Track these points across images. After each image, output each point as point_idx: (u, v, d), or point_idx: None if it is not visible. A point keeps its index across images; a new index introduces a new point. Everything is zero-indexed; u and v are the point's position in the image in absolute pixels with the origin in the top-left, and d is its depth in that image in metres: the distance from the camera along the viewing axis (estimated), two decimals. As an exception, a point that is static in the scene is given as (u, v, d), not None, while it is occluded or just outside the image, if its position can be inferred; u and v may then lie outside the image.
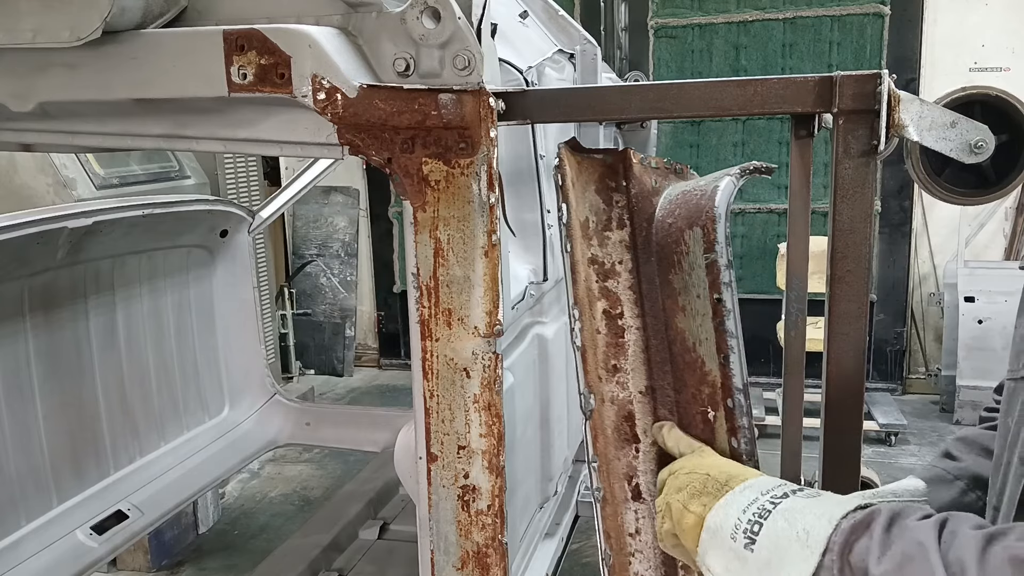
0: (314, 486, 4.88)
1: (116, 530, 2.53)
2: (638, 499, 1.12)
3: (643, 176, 1.20)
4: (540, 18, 2.52)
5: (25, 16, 1.30)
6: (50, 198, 3.63)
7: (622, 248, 1.18)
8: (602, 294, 1.17)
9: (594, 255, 1.18)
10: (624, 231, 1.19)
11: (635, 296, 1.16)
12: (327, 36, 1.22)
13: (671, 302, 1.12)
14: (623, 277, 1.17)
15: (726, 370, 1.02)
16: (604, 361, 1.14)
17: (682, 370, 1.10)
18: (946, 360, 5.56)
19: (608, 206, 1.20)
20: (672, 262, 1.12)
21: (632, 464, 1.13)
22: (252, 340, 3.13)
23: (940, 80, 5.62)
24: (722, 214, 1.03)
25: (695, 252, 1.06)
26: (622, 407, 1.14)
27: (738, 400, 1.01)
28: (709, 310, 1.03)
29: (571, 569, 3.73)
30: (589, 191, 1.21)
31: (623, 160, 1.21)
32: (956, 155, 1.12)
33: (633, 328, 1.16)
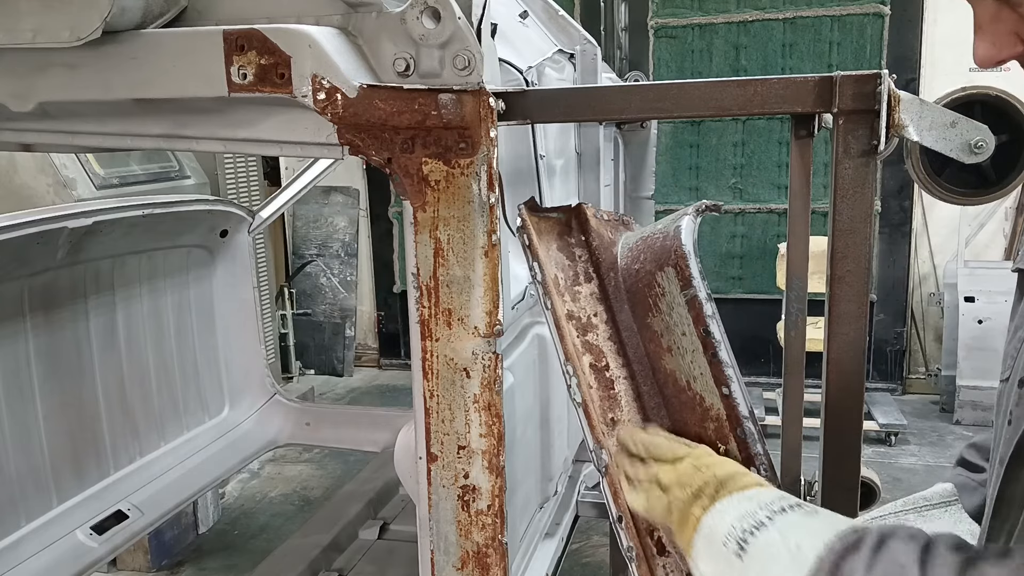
0: (314, 486, 4.88)
1: (116, 530, 2.53)
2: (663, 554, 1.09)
3: (600, 228, 1.21)
4: (540, 18, 2.52)
5: (25, 16, 1.30)
6: (50, 198, 3.63)
7: (594, 300, 1.18)
8: (585, 348, 1.17)
9: (570, 310, 1.18)
10: (592, 283, 1.19)
11: (616, 346, 1.16)
12: (327, 36, 1.22)
13: (654, 345, 1.12)
14: (600, 329, 1.17)
15: (729, 401, 1.01)
16: (602, 415, 1.13)
17: (679, 411, 1.09)
18: (946, 360, 5.56)
19: (572, 261, 1.21)
20: (648, 306, 1.12)
21: None
22: (252, 340, 3.13)
23: (940, 80, 5.62)
24: (690, 250, 1.04)
25: (671, 292, 1.06)
26: None
27: (748, 428, 1.00)
28: (698, 345, 1.03)
29: (571, 569, 3.73)
30: (552, 249, 1.21)
31: (577, 215, 1.22)
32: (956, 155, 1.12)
33: (621, 379, 1.15)
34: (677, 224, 1.07)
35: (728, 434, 1.02)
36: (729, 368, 1.00)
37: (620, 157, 3.02)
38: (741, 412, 1.00)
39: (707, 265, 6.16)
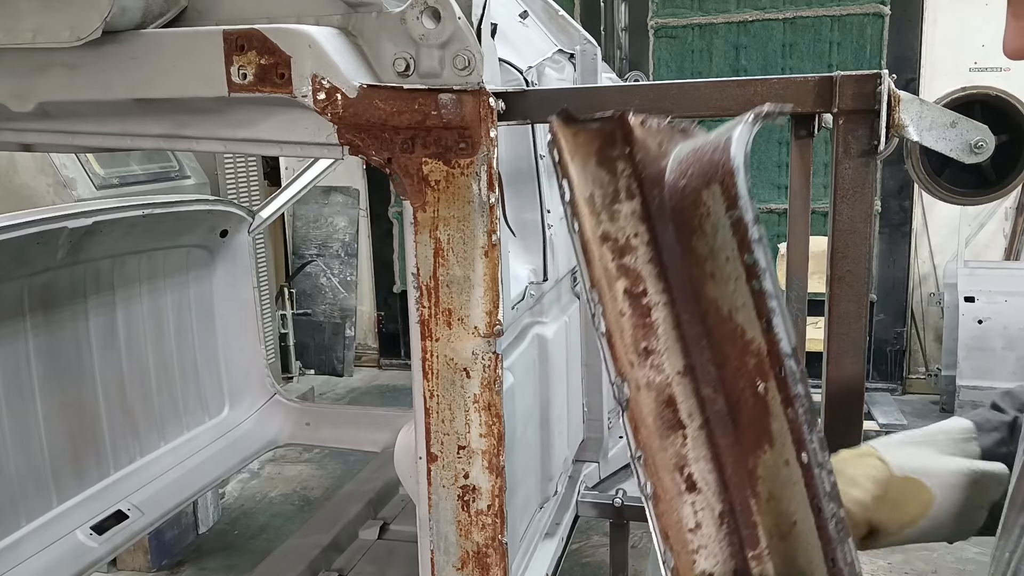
0: (314, 486, 4.88)
1: (116, 530, 2.52)
2: (693, 490, 1.02)
3: (647, 139, 1.09)
4: (540, 18, 2.52)
5: (25, 16, 1.30)
6: (50, 198, 3.63)
7: (635, 220, 1.08)
8: (620, 272, 1.07)
9: (605, 231, 1.08)
10: (634, 201, 1.08)
11: (657, 269, 1.06)
12: (327, 36, 1.22)
13: (697, 270, 1.02)
14: (640, 251, 1.07)
15: (770, 336, 0.92)
16: (634, 344, 1.04)
17: (721, 342, 1.00)
18: (946, 360, 5.55)
19: (613, 176, 1.10)
20: (693, 227, 1.01)
21: (681, 452, 1.04)
22: (252, 340, 3.13)
23: (940, 80, 5.61)
24: (739, 166, 0.93)
25: (716, 212, 0.96)
26: (660, 392, 1.05)
27: (789, 367, 0.91)
28: (742, 272, 0.93)
29: (571, 569, 3.73)
30: (590, 164, 1.11)
31: (621, 125, 1.10)
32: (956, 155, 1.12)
33: (660, 304, 1.06)
34: (729, 134, 0.97)
35: (768, 371, 0.94)
36: (773, 300, 0.91)
37: (620, 157, 3.01)
38: (783, 349, 0.91)
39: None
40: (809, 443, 0.91)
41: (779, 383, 0.94)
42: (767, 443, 0.98)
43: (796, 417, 0.92)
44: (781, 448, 0.95)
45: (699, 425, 1.04)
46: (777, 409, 0.95)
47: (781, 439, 0.95)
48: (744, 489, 1.01)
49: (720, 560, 1.01)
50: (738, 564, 1.01)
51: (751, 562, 1.00)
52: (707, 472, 1.03)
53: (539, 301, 2.27)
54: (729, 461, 1.02)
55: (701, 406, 1.04)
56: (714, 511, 1.02)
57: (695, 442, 1.04)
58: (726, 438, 1.02)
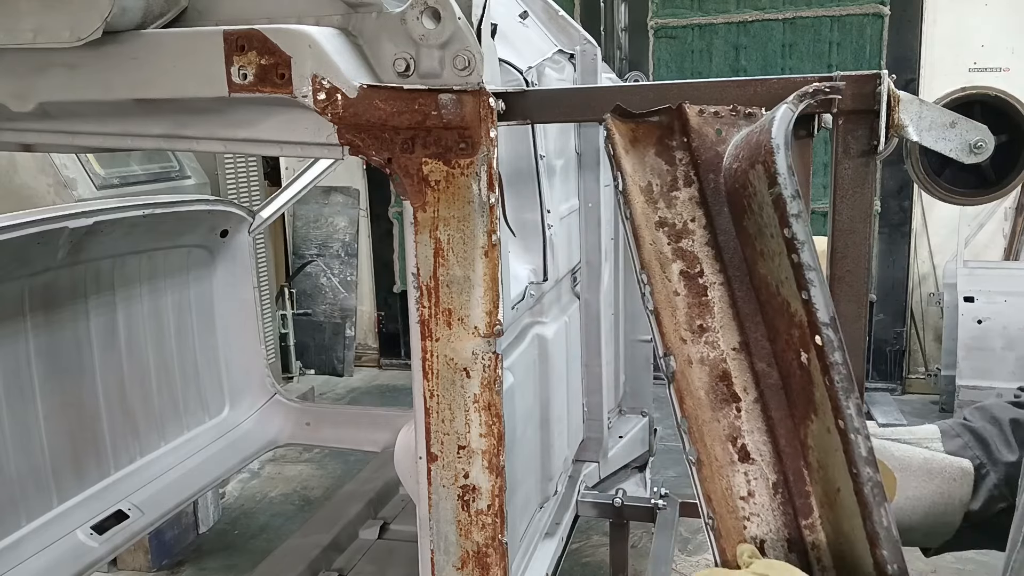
0: (314, 486, 4.88)
1: (116, 530, 2.53)
2: (746, 460, 1.05)
3: (703, 128, 1.14)
4: (540, 18, 2.52)
5: (25, 16, 1.30)
6: (50, 198, 3.63)
7: (692, 205, 1.13)
8: (677, 255, 1.11)
9: (662, 218, 1.13)
10: (692, 187, 1.13)
11: (713, 251, 1.11)
12: (327, 36, 1.22)
13: (749, 249, 1.07)
14: (698, 235, 1.12)
15: (810, 307, 0.96)
16: (688, 322, 1.08)
17: (772, 317, 1.04)
18: (946, 360, 5.55)
19: (671, 166, 1.15)
20: (743, 207, 1.07)
21: (735, 424, 1.07)
22: (252, 340, 3.13)
23: (940, 80, 5.61)
24: (780, 144, 0.98)
25: (761, 191, 1.01)
26: (715, 367, 1.08)
27: (827, 336, 0.95)
28: (783, 247, 0.98)
29: (571, 569, 3.73)
30: (649, 155, 1.15)
31: (679, 116, 1.15)
32: (956, 155, 1.12)
33: (716, 284, 1.10)
34: (772, 115, 1.02)
35: (808, 342, 0.97)
36: (811, 272, 0.95)
37: (620, 157, 3.01)
38: (820, 318, 0.95)
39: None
40: (846, 409, 0.94)
41: (818, 352, 0.96)
42: (813, 412, 1.00)
43: (832, 384, 0.95)
44: (823, 416, 0.98)
45: (754, 399, 1.07)
46: (818, 378, 0.98)
47: (823, 407, 0.98)
48: (798, 459, 1.03)
49: (773, 528, 1.04)
50: (791, 533, 1.03)
51: (804, 531, 1.03)
52: (761, 444, 1.06)
53: (539, 301, 2.27)
54: (783, 432, 1.04)
55: (756, 380, 1.07)
56: (768, 481, 1.04)
57: (750, 415, 1.07)
58: (780, 410, 1.04)
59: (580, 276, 2.69)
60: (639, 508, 2.74)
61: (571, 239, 2.59)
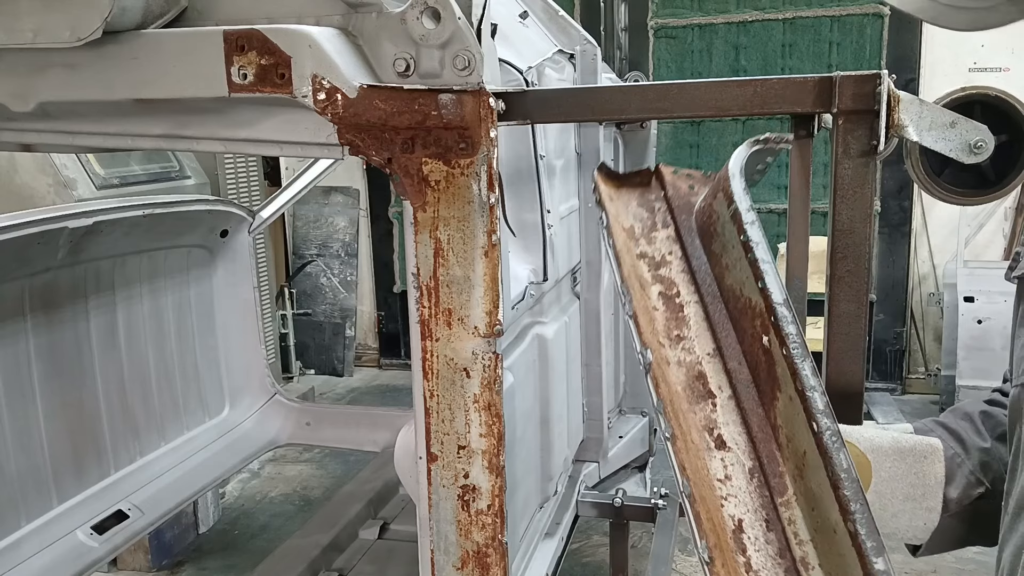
0: (314, 486, 4.88)
1: (116, 530, 2.53)
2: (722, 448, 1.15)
3: (677, 182, 1.35)
4: (540, 18, 2.52)
5: (25, 16, 1.30)
6: (50, 198, 3.63)
7: (669, 242, 1.31)
8: (656, 280, 1.28)
9: (643, 251, 1.31)
10: (668, 228, 1.32)
11: (688, 276, 1.26)
12: (327, 36, 1.22)
13: (718, 267, 1.21)
14: (674, 264, 1.28)
15: (765, 292, 1.06)
16: (666, 332, 1.22)
17: (739, 319, 1.16)
18: (946, 360, 5.55)
19: (650, 212, 1.34)
20: (710, 233, 1.22)
21: (711, 417, 1.17)
22: (252, 340, 3.13)
23: (940, 80, 5.61)
24: (735, 172, 1.14)
25: (722, 213, 1.16)
26: (691, 368, 1.19)
27: (780, 312, 1.05)
28: (742, 251, 1.10)
29: (571, 569, 3.73)
30: (631, 205, 1.36)
31: (656, 175, 1.37)
32: (956, 155, 1.12)
33: (692, 303, 1.24)
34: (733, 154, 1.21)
35: (768, 323, 1.07)
36: (765, 264, 1.07)
37: (620, 157, 3.02)
38: (774, 299, 1.05)
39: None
40: (801, 371, 1.02)
41: (775, 329, 1.05)
42: (777, 389, 1.08)
43: (790, 353, 1.03)
44: (787, 387, 1.06)
45: (728, 395, 1.16)
46: (778, 353, 1.06)
47: (785, 379, 1.06)
48: (770, 443, 1.12)
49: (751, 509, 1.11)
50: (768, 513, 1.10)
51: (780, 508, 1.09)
52: (736, 434, 1.14)
53: (539, 301, 2.27)
54: (755, 420, 1.13)
55: (729, 378, 1.17)
56: (744, 467, 1.12)
57: (724, 409, 1.16)
58: (750, 401, 1.14)
59: (580, 276, 2.69)
60: (639, 508, 2.74)
61: (571, 239, 2.59)
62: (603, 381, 2.79)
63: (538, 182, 2.17)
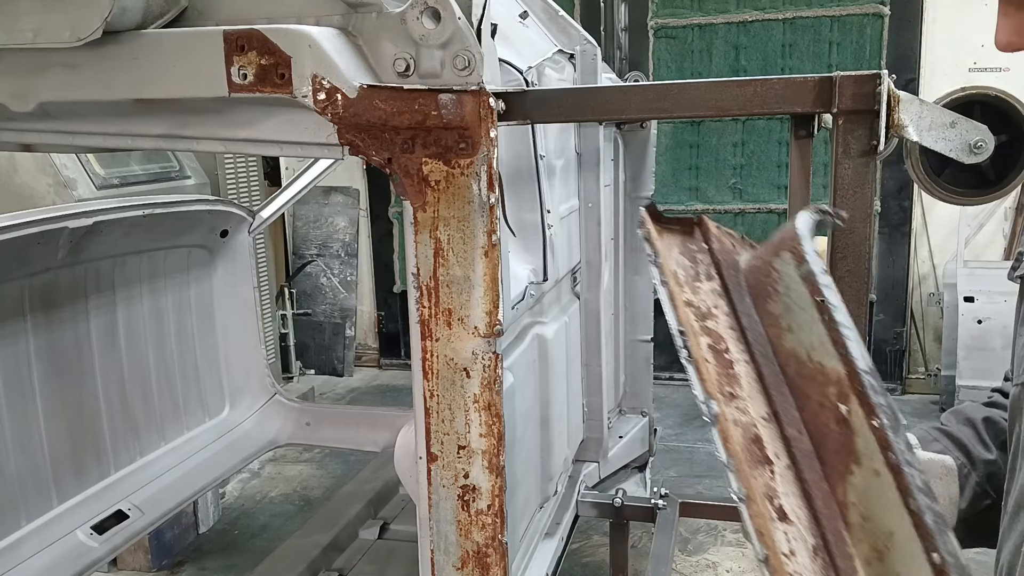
0: (314, 486, 4.88)
1: (116, 530, 2.53)
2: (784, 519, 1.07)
3: (721, 236, 1.27)
4: (540, 18, 2.52)
5: (25, 16, 1.30)
6: (50, 198, 3.63)
7: (714, 295, 1.22)
8: (703, 331, 1.19)
9: (688, 299, 1.22)
10: (713, 282, 1.24)
11: (736, 333, 1.18)
12: (327, 36, 1.22)
13: (774, 329, 1.15)
14: (720, 318, 1.20)
15: (847, 358, 1.00)
16: (719, 386, 1.14)
17: (801, 386, 1.10)
18: (946, 360, 5.55)
19: (693, 263, 1.26)
20: (766, 293, 1.16)
21: (770, 485, 1.09)
22: (252, 340, 3.13)
23: (940, 80, 5.61)
24: (805, 234, 1.08)
25: (788, 273, 1.09)
26: (747, 430, 1.12)
27: (868, 381, 0.99)
28: (816, 315, 1.05)
29: (571, 569, 3.73)
30: (673, 252, 1.27)
31: (699, 225, 1.29)
32: (956, 155, 1.12)
33: (742, 361, 1.16)
34: (795, 217, 1.13)
35: (848, 392, 1.01)
36: (847, 328, 1.01)
37: (620, 157, 3.02)
38: (859, 367, 0.99)
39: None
40: (896, 444, 0.95)
41: (860, 399, 0.99)
42: (854, 463, 1.01)
43: (881, 424, 0.96)
44: (869, 461, 0.99)
45: (786, 465, 1.09)
46: (860, 424, 0.99)
47: (868, 452, 0.99)
48: (836, 520, 1.05)
49: None
50: None
51: None
52: (797, 507, 1.07)
53: (539, 301, 2.27)
54: (819, 495, 1.06)
55: (787, 446, 1.09)
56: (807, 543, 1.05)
57: (783, 478, 1.08)
58: (813, 473, 1.06)
59: (580, 276, 2.69)
60: (639, 508, 2.74)
61: (571, 239, 2.59)
62: (603, 381, 2.79)
63: (538, 182, 2.17)
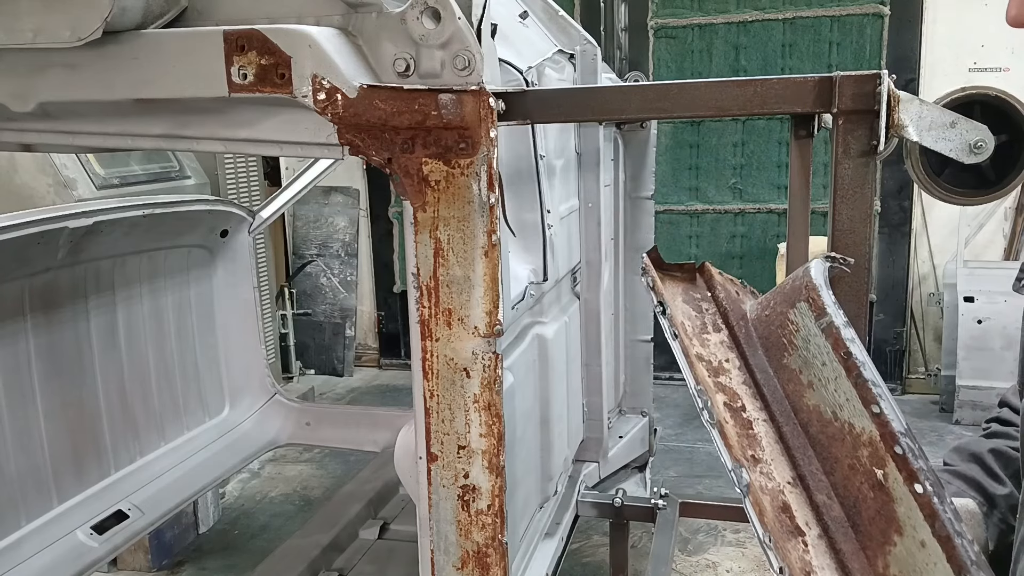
0: (314, 486, 4.88)
1: (116, 530, 2.52)
2: None
3: (726, 284, 1.21)
4: (540, 18, 2.52)
5: (25, 16, 1.30)
6: (50, 198, 3.63)
7: (724, 348, 1.16)
8: (718, 388, 1.12)
9: (699, 353, 1.16)
10: (721, 333, 1.18)
11: (751, 390, 1.12)
12: (327, 36, 1.22)
13: (793, 385, 1.07)
14: (733, 373, 1.14)
15: (881, 419, 0.95)
16: (741, 450, 1.07)
17: (828, 447, 1.03)
18: (946, 360, 5.55)
19: (699, 313, 1.20)
20: (782, 346, 1.09)
21: (805, 559, 1.01)
22: (252, 340, 3.13)
23: (940, 80, 5.61)
24: (821, 283, 1.02)
25: (806, 326, 1.03)
26: (774, 497, 1.05)
27: (906, 444, 0.92)
28: (841, 371, 0.98)
29: (571, 569, 3.73)
30: (677, 301, 1.22)
31: (701, 271, 1.23)
32: (956, 155, 1.12)
33: (760, 420, 1.09)
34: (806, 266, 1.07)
35: (884, 456, 0.95)
36: (876, 387, 0.95)
37: (620, 157, 3.02)
38: (896, 428, 0.93)
39: (707, 265, 6.17)
40: (943, 514, 0.89)
41: (899, 463, 0.94)
42: (895, 532, 0.96)
43: (925, 491, 0.91)
44: (912, 531, 0.94)
45: (818, 534, 1.02)
46: (901, 491, 0.94)
47: (911, 521, 0.93)
48: None
49: None
50: None
51: None
52: None
53: (539, 301, 2.27)
54: (856, 567, 0.99)
55: (817, 514, 1.03)
56: None
57: (816, 550, 1.02)
58: (848, 543, 1.00)
59: (580, 276, 2.69)
60: (639, 508, 2.74)
61: (571, 239, 2.59)
62: (603, 381, 2.79)
63: (538, 182, 2.17)
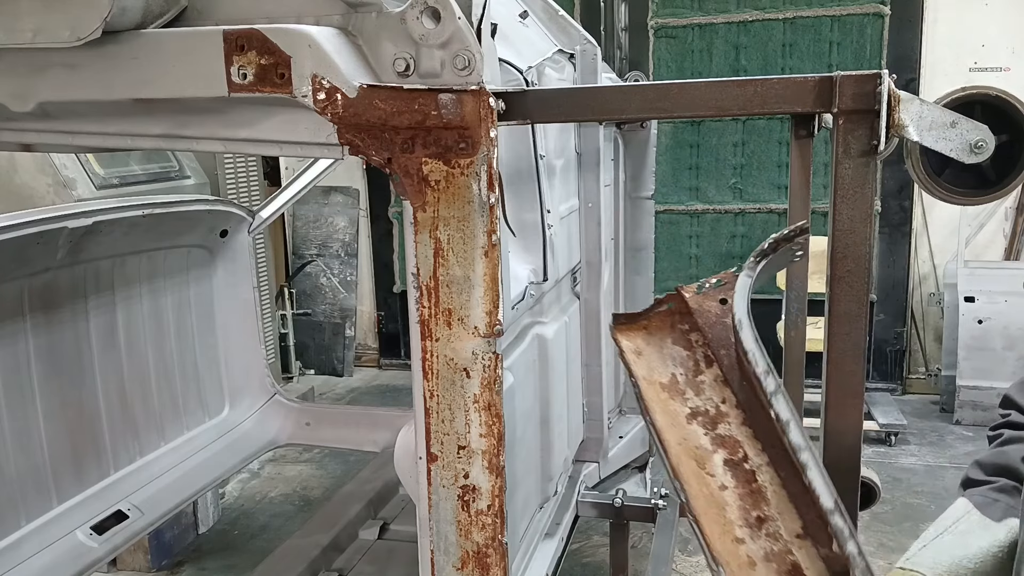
0: (314, 486, 4.88)
1: (116, 530, 2.52)
2: None
3: (703, 303, 1.13)
4: (540, 18, 2.52)
5: (25, 16, 1.30)
6: (50, 198, 3.63)
7: (719, 385, 1.09)
8: (717, 444, 1.05)
9: (694, 408, 1.08)
10: (713, 367, 1.11)
11: (750, 430, 1.05)
12: (327, 36, 1.22)
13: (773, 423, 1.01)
14: (732, 415, 1.07)
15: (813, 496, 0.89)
16: (743, 517, 0.99)
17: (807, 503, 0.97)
18: (946, 360, 5.55)
19: (690, 349, 1.13)
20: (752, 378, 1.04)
21: None
22: (252, 340, 3.13)
23: (940, 80, 5.61)
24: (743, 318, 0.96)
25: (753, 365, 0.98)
26: (782, 561, 0.97)
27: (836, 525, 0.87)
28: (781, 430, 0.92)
29: (571, 569, 3.73)
30: (666, 345, 1.14)
31: (678, 299, 1.15)
32: (956, 155, 1.12)
33: (763, 466, 1.02)
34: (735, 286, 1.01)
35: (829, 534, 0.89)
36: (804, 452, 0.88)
37: (620, 157, 3.02)
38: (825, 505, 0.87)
39: (707, 265, 6.16)
40: None
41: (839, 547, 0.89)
42: None
43: None
44: None
45: None
46: None
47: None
48: None
49: None
50: None
51: None
52: None
53: (539, 301, 2.27)
54: None
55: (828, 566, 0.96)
56: None
57: None
58: None
59: (580, 276, 2.69)
60: (639, 508, 2.74)
61: (571, 239, 2.59)
62: (603, 381, 2.79)
63: (538, 182, 2.17)
